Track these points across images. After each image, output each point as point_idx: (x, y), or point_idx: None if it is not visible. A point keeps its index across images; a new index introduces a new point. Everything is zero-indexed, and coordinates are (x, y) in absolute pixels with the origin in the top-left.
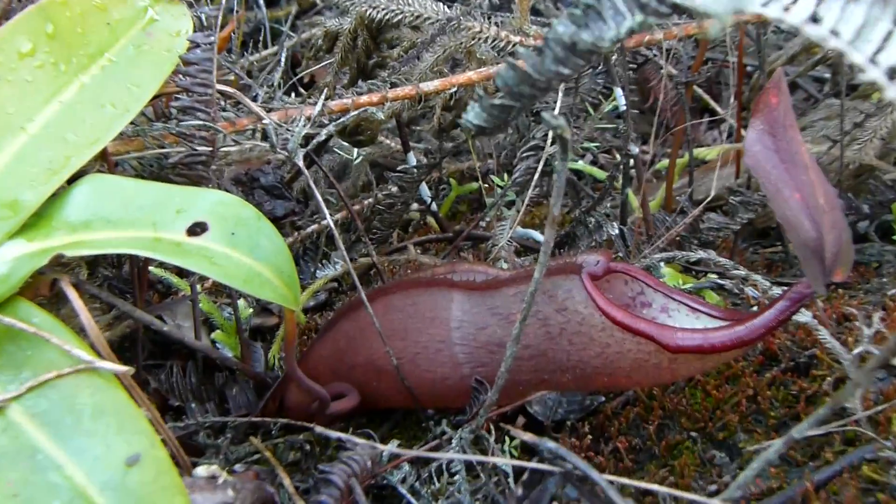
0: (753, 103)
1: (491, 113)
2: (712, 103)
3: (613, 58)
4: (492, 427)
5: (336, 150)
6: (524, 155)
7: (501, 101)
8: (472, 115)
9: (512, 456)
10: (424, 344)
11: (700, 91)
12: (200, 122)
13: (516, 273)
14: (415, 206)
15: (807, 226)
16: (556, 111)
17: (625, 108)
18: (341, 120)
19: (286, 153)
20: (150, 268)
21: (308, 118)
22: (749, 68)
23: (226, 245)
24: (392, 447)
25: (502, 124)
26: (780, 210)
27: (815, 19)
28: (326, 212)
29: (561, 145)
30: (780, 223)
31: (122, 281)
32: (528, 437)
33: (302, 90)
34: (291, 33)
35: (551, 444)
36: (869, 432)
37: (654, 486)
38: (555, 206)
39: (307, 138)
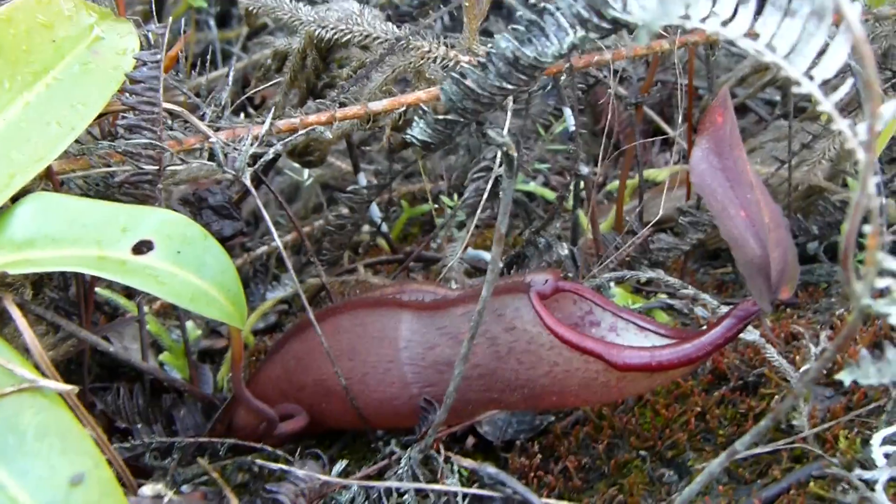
0: (699, 122)
1: (435, 128)
2: (663, 125)
3: (563, 78)
4: (441, 447)
5: (286, 171)
6: (475, 176)
7: (445, 116)
8: (417, 130)
9: (461, 476)
10: (373, 364)
11: (651, 113)
12: (147, 141)
13: (465, 293)
14: (366, 227)
15: (752, 243)
16: (506, 132)
17: (574, 128)
18: (289, 139)
19: (233, 172)
20: (97, 289)
21: (256, 137)
22: (701, 91)
23: (172, 264)
24: (340, 467)
25: (447, 139)
26: (726, 228)
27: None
28: (275, 233)
29: (507, 163)
30: (726, 241)
31: (68, 302)
32: (468, 462)
33: (252, 110)
34: (242, 54)
35: (491, 470)
36: (816, 450)
37: None
38: (501, 224)
39: (255, 157)
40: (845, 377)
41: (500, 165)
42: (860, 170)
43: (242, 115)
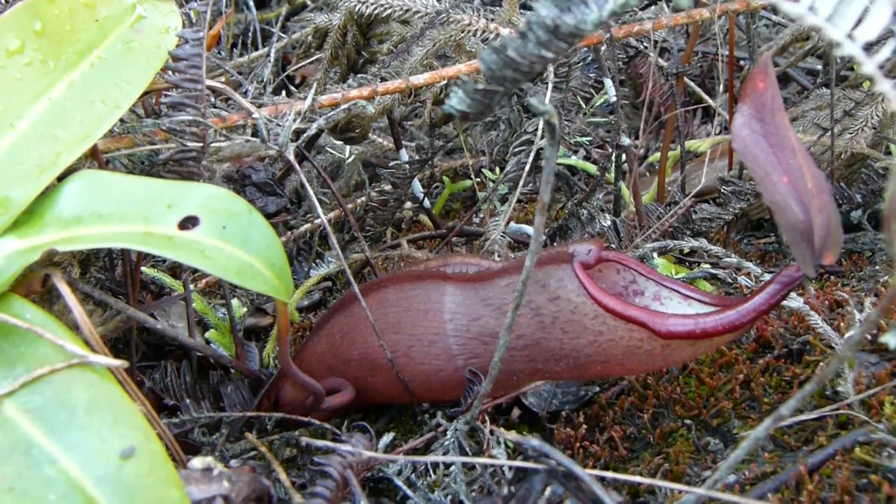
0: (741, 89)
1: (474, 98)
2: (704, 96)
3: (603, 49)
4: (486, 419)
5: (328, 149)
6: (516, 150)
7: (485, 85)
8: (456, 100)
9: (507, 447)
10: (418, 337)
11: (692, 84)
12: (190, 118)
13: (508, 264)
14: (408, 204)
15: (795, 209)
16: (547, 101)
17: (615, 99)
18: (331, 114)
19: (276, 148)
20: (143, 268)
21: (298, 112)
22: (742, 62)
23: (217, 238)
24: (387, 440)
25: (486, 109)
26: (769, 194)
27: None
28: (320, 210)
29: (549, 131)
30: (769, 207)
31: (114, 282)
32: (512, 435)
33: (293, 88)
34: (282, 34)
35: (535, 442)
36: (861, 416)
37: (643, 479)
38: (544, 193)
39: (297, 133)
40: (890, 340)
41: (542, 138)
42: None
43: (284, 93)
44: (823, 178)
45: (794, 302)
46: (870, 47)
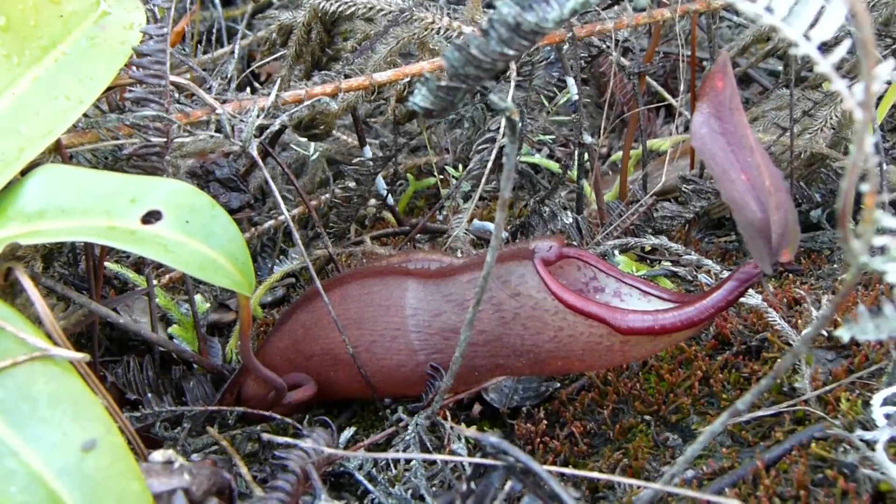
0: (700, 88)
1: (437, 95)
2: (666, 95)
3: (565, 48)
4: (447, 414)
5: (293, 146)
6: (479, 147)
7: (448, 83)
8: (420, 97)
9: (468, 443)
10: (380, 332)
11: (654, 84)
12: (154, 113)
13: (470, 260)
14: (372, 201)
15: (753, 206)
16: (510, 99)
17: (577, 97)
18: (295, 110)
19: (240, 144)
20: (106, 263)
21: (262, 109)
22: (705, 62)
23: (180, 233)
24: (348, 434)
25: (449, 106)
26: (727, 191)
27: None
28: (284, 206)
29: (510, 128)
30: (727, 204)
31: (77, 277)
32: (470, 432)
33: (257, 84)
34: (247, 31)
35: (493, 439)
36: (818, 412)
37: (602, 475)
38: (505, 189)
39: (261, 129)
40: (843, 333)
41: (504, 136)
42: (856, 129)
43: (248, 88)
44: (781, 176)
45: (753, 299)
46: (826, 47)
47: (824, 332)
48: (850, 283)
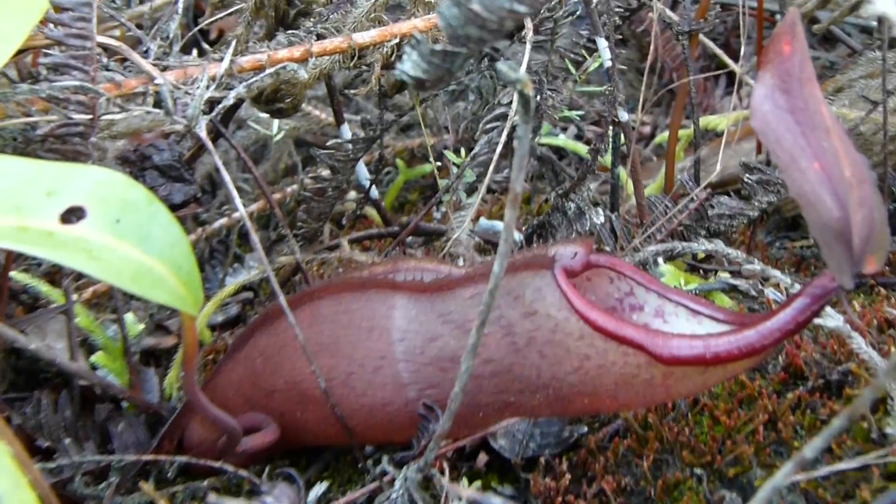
0: (762, 54)
1: (431, 61)
2: (726, 59)
3: (595, 0)
4: (445, 466)
5: (251, 123)
6: (487, 127)
7: (444, 46)
8: (409, 64)
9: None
10: (360, 361)
11: (711, 45)
12: (77, 84)
13: (474, 270)
14: (352, 194)
15: (828, 202)
16: (523, 69)
17: (610, 63)
18: (254, 80)
19: (184, 122)
20: (12, 273)
21: (212, 78)
22: (778, 16)
23: (109, 235)
24: (319, 492)
25: (445, 75)
26: (796, 184)
27: None
28: (238, 201)
29: (522, 105)
30: (796, 200)
31: None
32: (470, 493)
33: (206, 46)
34: None
35: (497, 501)
36: None
37: None
38: (516, 182)
39: (212, 104)
40: None
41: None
42: None
43: (195, 51)
44: (866, 164)
45: (833, 321)
46: None
47: None
48: None
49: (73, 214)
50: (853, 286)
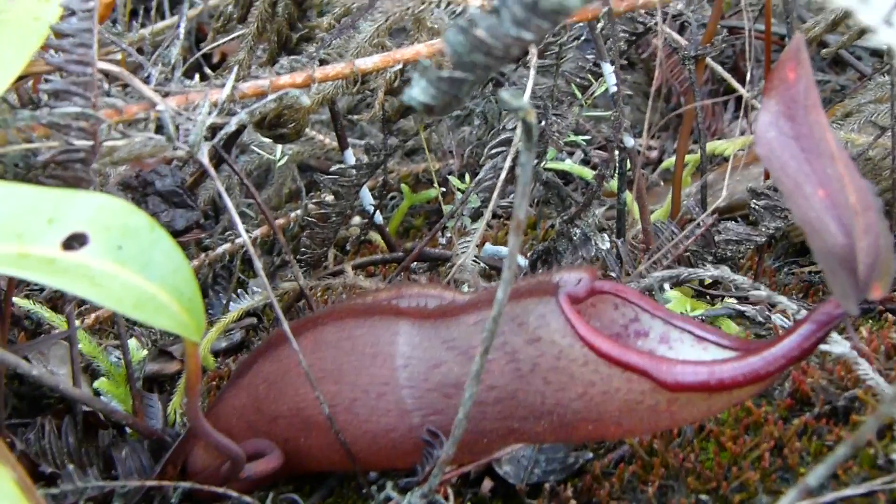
0: (767, 79)
1: (439, 87)
2: (734, 83)
3: (600, 26)
4: (450, 492)
5: (254, 148)
6: (492, 152)
7: (451, 73)
8: (418, 90)
9: None
10: (364, 387)
11: (719, 68)
12: (78, 110)
13: (478, 296)
14: (356, 219)
15: (833, 229)
16: (528, 95)
17: (615, 88)
18: (256, 106)
19: (186, 148)
20: (15, 299)
21: (214, 103)
22: (787, 41)
23: (111, 261)
24: None
25: (453, 101)
26: (801, 210)
27: None
28: (241, 226)
29: (525, 132)
30: (801, 227)
31: None
32: None
33: (208, 71)
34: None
35: None
36: None
37: None
38: (519, 208)
39: (214, 129)
40: None
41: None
42: None
43: (197, 76)
44: (872, 191)
45: (840, 347)
46: None
47: None
48: None
49: (74, 241)
50: (858, 313)
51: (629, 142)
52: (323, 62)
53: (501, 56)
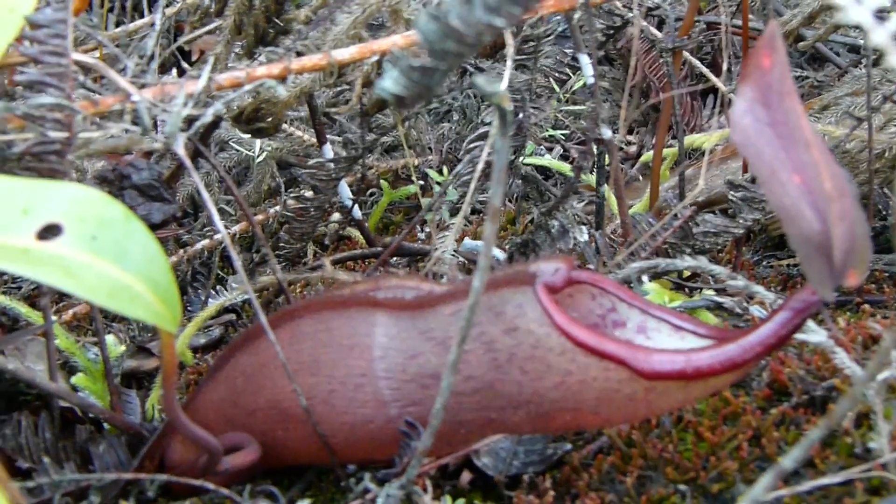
0: (742, 67)
1: (411, 77)
2: (711, 77)
3: (576, 17)
4: (428, 484)
5: (234, 144)
6: (470, 146)
7: (423, 62)
8: (390, 80)
9: None
10: (341, 379)
11: (697, 63)
12: (53, 101)
13: (455, 287)
14: (336, 215)
15: (809, 215)
16: (504, 86)
17: (593, 80)
18: (232, 97)
19: (162, 140)
20: None
21: (190, 95)
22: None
23: (86, 251)
24: None
25: (425, 91)
26: (776, 197)
27: None
28: (219, 221)
29: (500, 117)
30: (776, 214)
31: None
32: None
33: (187, 66)
34: None
35: None
36: None
37: None
38: (494, 196)
39: (190, 121)
40: None
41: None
42: None
43: (175, 71)
44: (847, 178)
45: (818, 336)
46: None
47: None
48: None
49: (49, 232)
50: (834, 300)
51: (606, 134)
52: (299, 54)
53: (473, 43)
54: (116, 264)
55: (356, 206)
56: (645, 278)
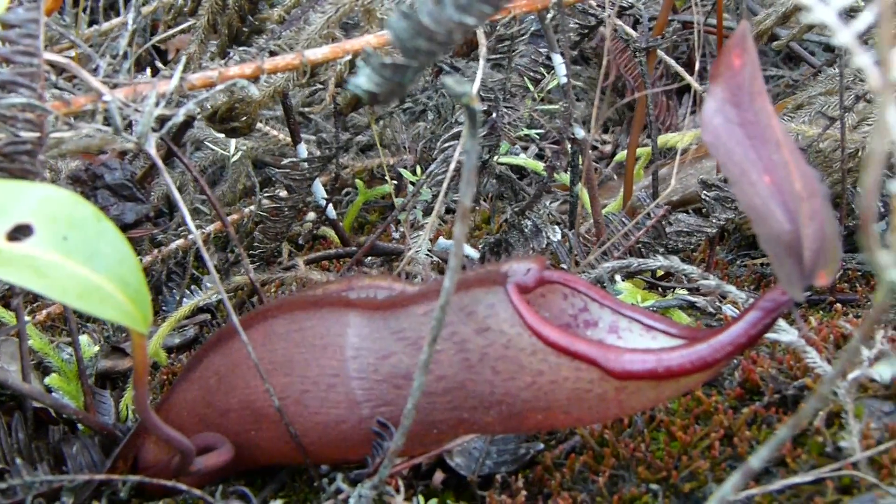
0: (712, 67)
1: (382, 74)
2: (686, 76)
3: (549, 16)
4: (400, 484)
5: (209, 144)
6: (445, 146)
7: (394, 59)
8: (363, 78)
9: None
10: (314, 379)
11: (672, 62)
12: (24, 101)
13: (427, 287)
14: (311, 215)
15: (778, 215)
16: (477, 85)
17: (566, 79)
18: (205, 96)
19: (134, 139)
20: None
21: (161, 95)
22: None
23: (56, 252)
24: None
25: (397, 88)
26: (746, 197)
27: None
28: (191, 222)
29: (469, 117)
30: (746, 214)
31: None
32: None
33: (161, 66)
34: None
35: None
36: (869, 477)
37: None
38: (464, 195)
39: (162, 121)
40: (884, 371)
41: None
42: (878, 109)
43: (149, 71)
44: (817, 178)
45: (789, 335)
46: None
47: (875, 375)
48: (880, 307)
49: (19, 232)
50: (804, 299)
51: (579, 133)
52: (273, 53)
53: (444, 41)
54: (87, 265)
55: (330, 205)
56: (618, 278)
